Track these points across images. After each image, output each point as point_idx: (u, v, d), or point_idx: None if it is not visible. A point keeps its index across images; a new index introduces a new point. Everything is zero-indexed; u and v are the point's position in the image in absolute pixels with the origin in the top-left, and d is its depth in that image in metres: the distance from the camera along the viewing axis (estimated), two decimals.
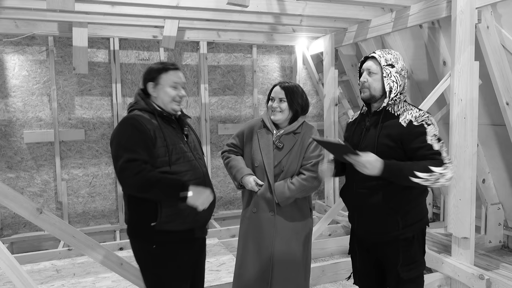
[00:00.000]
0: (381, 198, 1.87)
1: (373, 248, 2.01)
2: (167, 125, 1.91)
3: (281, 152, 2.19)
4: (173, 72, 1.94)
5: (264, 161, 2.19)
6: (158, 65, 1.98)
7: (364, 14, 3.72)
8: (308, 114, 5.39)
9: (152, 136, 1.80)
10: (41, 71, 4.20)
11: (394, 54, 1.93)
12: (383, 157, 1.83)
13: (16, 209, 2.20)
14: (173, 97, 1.92)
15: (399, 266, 1.90)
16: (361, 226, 2.02)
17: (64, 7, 2.45)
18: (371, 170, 1.76)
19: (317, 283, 3.25)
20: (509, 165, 3.67)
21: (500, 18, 3.12)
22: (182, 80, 1.97)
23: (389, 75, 1.88)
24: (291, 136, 2.23)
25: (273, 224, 2.19)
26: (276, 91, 2.24)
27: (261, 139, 2.25)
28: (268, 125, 2.26)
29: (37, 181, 4.27)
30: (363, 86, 1.94)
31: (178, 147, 1.88)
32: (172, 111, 1.95)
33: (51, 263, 3.45)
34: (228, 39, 4.67)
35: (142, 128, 1.80)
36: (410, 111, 1.87)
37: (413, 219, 1.91)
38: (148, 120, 1.85)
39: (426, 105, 3.08)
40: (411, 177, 1.74)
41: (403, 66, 1.93)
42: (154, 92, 1.93)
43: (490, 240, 3.89)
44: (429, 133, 1.81)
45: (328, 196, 4.88)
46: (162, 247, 1.87)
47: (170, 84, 1.92)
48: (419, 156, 1.80)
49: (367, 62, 1.96)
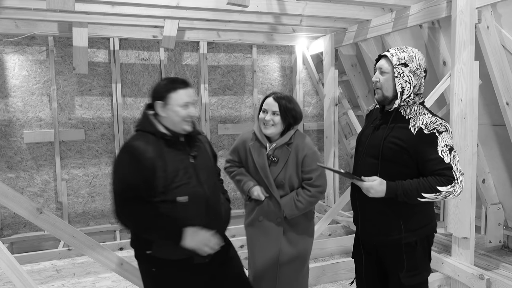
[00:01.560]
0: (383, 201, 1.81)
1: (376, 251, 1.97)
2: (170, 148, 1.79)
3: (276, 166, 2.15)
4: (183, 91, 1.80)
5: (262, 176, 2.17)
6: (167, 82, 1.83)
7: (364, 14, 3.72)
8: (308, 114, 5.39)
9: (150, 167, 1.70)
10: (41, 71, 4.20)
11: (409, 52, 1.81)
12: (391, 160, 1.79)
13: (16, 209, 2.20)
14: (184, 117, 1.79)
15: (401, 272, 1.86)
16: (364, 228, 1.99)
17: (64, 7, 2.45)
18: (375, 194, 1.75)
19: (317, 283, 3.25)
20: (509, 165, 3.67)
21: (500, 18, 3.12)
22: (193, 98, 1.83)
23: (401, 75, 1.78)
24: (285, 149, 2.16)
25: (280, 228, 2.19)
26: (269, 103, 2.13)
27: (254, 154, 2.20)
28: (259, 138, 2.19)
29: (37, 181, 4.27)
30: (376, 87, 1.86)
31: (181, 173, 1.77)
32: (183, 131, 1.83)
33: (51, 263, 3.45)
34: (228, 39, 4.67)
35: (141, 158, 1.71)
36: (422, 117, 1.78)
37: (417, 224, 1.85)
38: (149, 146, 1.74)
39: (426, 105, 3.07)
40: (418, 198, 1.72)
41: (419, 65, 1.81)
42: (163, 112, 1.80)
43: (490, 240, 3.89)
44: (440, 143, 1.72)
45: (328, 196, 4.88)
46: (161, 270, 1.82)
47: (180, 104, 1.78)
48: (428, 170, 1.73)
49: (380, 60, 1.87)
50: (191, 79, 4.78)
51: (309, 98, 5.42)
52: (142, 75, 4.55)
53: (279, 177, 2.15)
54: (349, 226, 4.39)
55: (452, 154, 1.73)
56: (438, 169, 1.71)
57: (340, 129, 5.32)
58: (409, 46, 1.88)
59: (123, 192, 1.72)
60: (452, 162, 1.71)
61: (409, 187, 1.73)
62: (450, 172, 1.70)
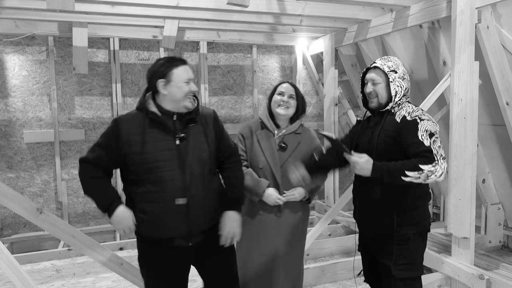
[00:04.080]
0: (378, 195, 1.92)
1: (372, 243, 2.06)
2: (155, 128, 1.82)
3: (285, 152, 2.18)
4: (183, 68, 1.84)
5: (270, 162, 2.17)
6: (165, 61, 1.85)
7: (364, 14, 3.72)
8: (308, 114, 5.39)
9: (125, 142, 1.80)
10: (41, 71, 4.20)
11: (394, 61, 1.99)
12: (383, 154, 1.89)
13: (16, 209, 2.20)
14: (187, 93, 1.83)
15: (392, 263, 1.93)
16: (361, 222, 2.08)
17: (64, 7, 2.45)
18: (360, 171, 1.84)
19: (317, 283, 3.25)
20: (509, 165, 3.67)
21: (500, 18, 3.12)
22: (193, 76, 1.88)
23: (394, 80, 1.94)
24: (293, 136, 2.23)
25: (278, 224, 2.19)
26: (286, 87, 2.24)
27: (262, 141, 2.21)
28: (268, 125, 2.24)
29: (37, 181, 4.27)
30: (371, 96, 1.99)
31: (159, 154, 1.79)
32: (184, 109, 1.85)
33: (51, 263, 3.46)
34: (228, 39, 4.67)
35: (116, 131, 1.82)
36: (406, 108, 1.94)
37: (410, 220, 1.92)
38: (132, 122, 1.84)
39: (426, 105, 3.08)
40: (402, 177, 1.79)
41: (404, 71, 2.00)
42: (165, 90, 1.82)
43: (490, 240, 3.89)
44: (420, 128, 1.84)
45: (328, 196, 4.88)
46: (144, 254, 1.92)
47: (183, 80, 1.82)
48: (411, 153, 1.84)
49: (369, 73, 2.01)
50: None
51: (309, 98, 5.42)
52: (142, 75, 4.54)
53: (287, 163, 2.16)
54: (349, 226, 4.39)
55: (433, 139, 1.83)
56: (419, 152, 1.81)
57: (340, 129, 5.32)
58: (390, 56, 2.06)
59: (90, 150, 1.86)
60: (432, 146, 1.82)
61: (393, 167, 1.82)
62: (431, 155, 1.81)
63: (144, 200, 1.82)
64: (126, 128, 1.81)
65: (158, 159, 1.79)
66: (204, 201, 1.87)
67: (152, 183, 1.79)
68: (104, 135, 1.88)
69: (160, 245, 1.86)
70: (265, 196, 2.16)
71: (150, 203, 1.81)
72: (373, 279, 2.15)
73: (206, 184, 1.88)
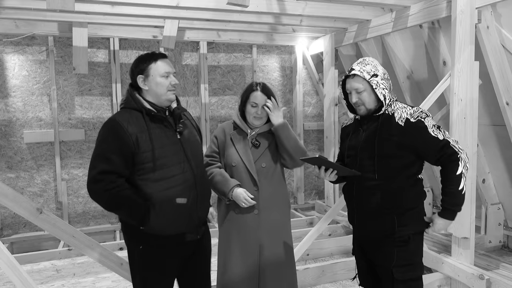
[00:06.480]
0: (379, 198, 1.90)
1: (371, 247, 2.03)
2: (156, 124, 1.82)
3: (258, 150, 2.22)
4: (161, 62, 1.85)
5: (243, 159, 2.18)
6: (144, 56, 1.87)
7: (364, 14, 3.72)
8: (308, 114, 5.39)
9: (133, 142, 1.73)
10: (41, 71, 4.20)
11: (371, 63, 1.94)
12: (383, 156, 1.87)
13: (16, 209, 2.20)
14: (167, 86, 1.84)
15: (393, 266, 1.91)
16: (359, 225, 2.04)
17: (64, 7, 2.45)
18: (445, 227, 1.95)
19: (317, 283, 3.25)
20: (509, 165, 3.67)
21: (500, 18, 3.11)
22: (172, 70, 1.88)
23: (378, 85, 1.90)
24: (266, 134, 2.25)
25: (258, 222, 2.17)
26: (260, 98, 2.19)
27: (236, 141, 2.23)
28: (241, 126, 2.25)
29: (37, 181, 4.27)
30: (357, 105, 1.96)
31: (167, 149, 1.80)
32: (168, 102, 1.87)
33: (51, 263, 3.46)
34: (228, 39, 4.67)
35: (122, 133, 1.73)
36: (404, 109, 1.92)
37: (409, 219, 1.92)
38: (132, 122, 1.77)
39: (426, 105, 3.07)
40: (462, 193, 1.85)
41: (383, 69, 1.97)
42: (145, 85, 1.84)
43: (490, 240, 3.89)
44: (428, 126, 1.86)
45: (328, 196, 4.88)
46: (150, 248, 1.84)
47: (161, 74, 1.83)
48: (432, 151, 1.86)
49: (349, 82, 1.96)
50: (191, 79, 4.78)
51: (309, 98, 5.42)
52: None
53: (260, 160, 2.20)
54: (349, 226, 4.39)
55: (442, 130, 1.88)
56: (439, 148, 1.84)
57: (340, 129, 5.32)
58: (365, 57, 2.02)
59: (101, 163, 1.74)
60: (445, 137, 1.86)
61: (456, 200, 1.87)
62: (450, 148, 1.84)
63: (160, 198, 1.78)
64: (129, 128, 1.76)
65: (167, 154, 1.80)
66: (209, 191, 2.05)
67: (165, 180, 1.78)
68: (109, 141, 1.76)
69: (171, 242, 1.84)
70: (233, 196, 2.14)
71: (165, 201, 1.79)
72: (370, 282, 2.12)
73: (205, 175, 2.05)
